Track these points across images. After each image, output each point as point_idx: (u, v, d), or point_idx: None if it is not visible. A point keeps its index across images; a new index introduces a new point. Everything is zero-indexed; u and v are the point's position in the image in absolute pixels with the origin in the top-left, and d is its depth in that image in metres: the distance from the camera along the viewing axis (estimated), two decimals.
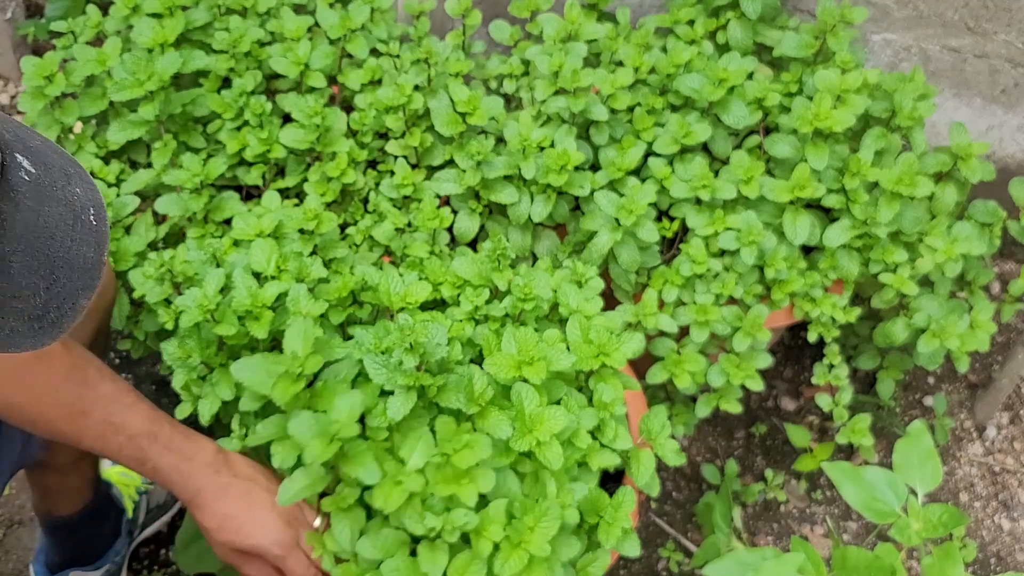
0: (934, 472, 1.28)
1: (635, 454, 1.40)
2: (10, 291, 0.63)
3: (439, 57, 1.72)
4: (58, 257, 0.66)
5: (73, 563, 1.64)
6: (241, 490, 1.22)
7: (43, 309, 0.65)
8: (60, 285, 0.66)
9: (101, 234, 0.70)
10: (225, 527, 1.21)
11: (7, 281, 0.63)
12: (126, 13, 1.70)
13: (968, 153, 1.69)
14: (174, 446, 1.22)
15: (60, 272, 0.66)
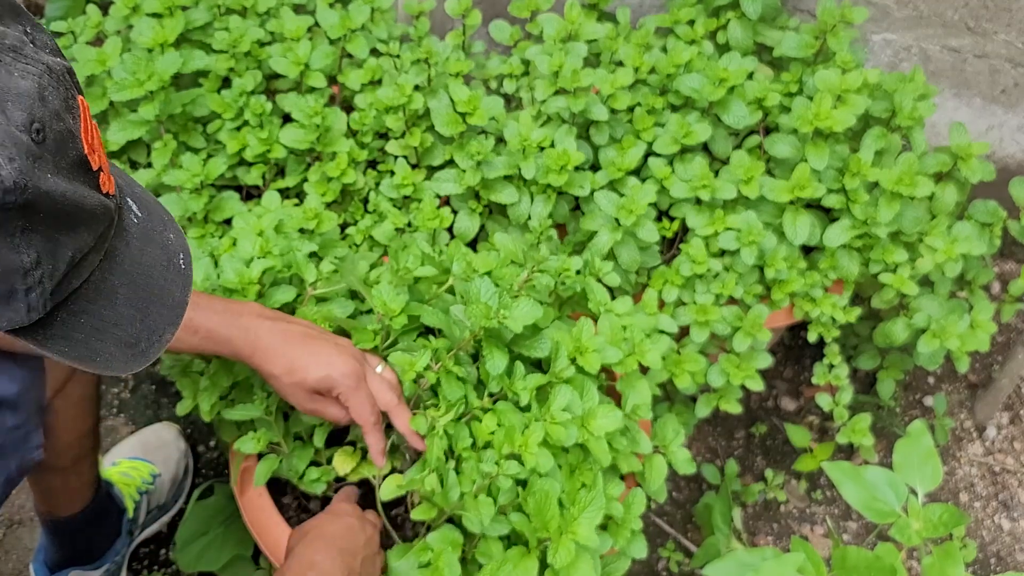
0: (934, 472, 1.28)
1: (648, 460, 1.41)
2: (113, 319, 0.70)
3: (439, 57, 1.72)
4: (153, 294, 0.73)
5: (73, 562, 1.64)
6: (299, 333, 1.24)
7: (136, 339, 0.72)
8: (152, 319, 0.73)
9: (187, 277, 0.78)
10: (295, 368, 1.22)
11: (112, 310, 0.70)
12: (126, 13, 1.70)
13: (968, 153, 1.69)
14: (219, 307, 1.22)
15: (153, 307, 0.73)
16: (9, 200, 0.58)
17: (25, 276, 0.62)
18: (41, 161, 0.60)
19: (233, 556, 1.63)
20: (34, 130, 0.60)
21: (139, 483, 1.73)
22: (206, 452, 1.91)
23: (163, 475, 1.78)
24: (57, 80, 0.64)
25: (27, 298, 0.62)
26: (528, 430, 1.27)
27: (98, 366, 0.71)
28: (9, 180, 0.58)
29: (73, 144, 0.64)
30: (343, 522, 1.24)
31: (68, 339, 0.68)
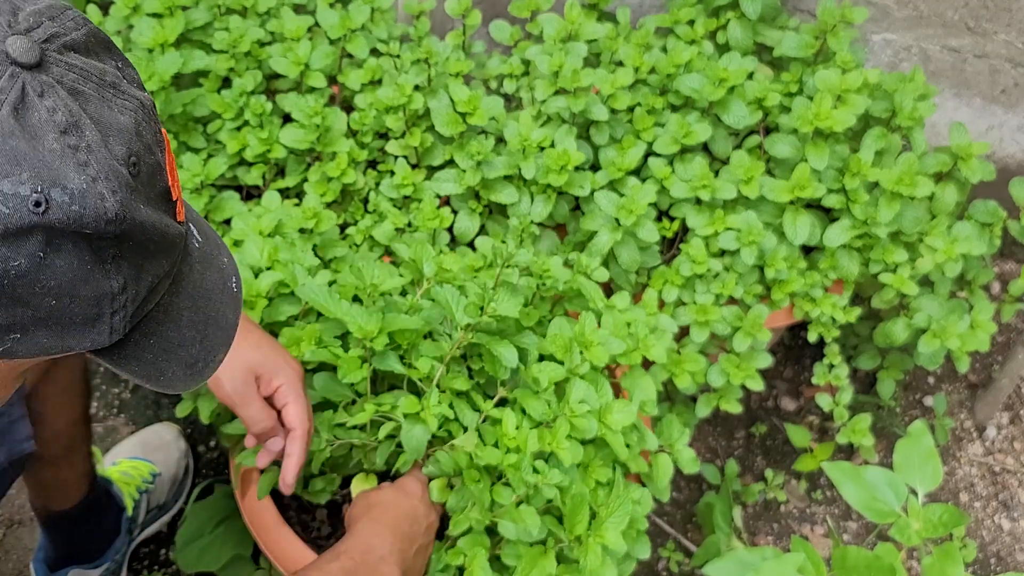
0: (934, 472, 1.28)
1: (653, 459, 1.42)
2: (178, 340, 0.74)
3: (439, 57, 1.72)
4: (211, 316, 0.77)
5: (73, 561, 1.64)
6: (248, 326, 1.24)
7: (195, 359, 0.76)
8: (209, 340, 0.77)
9: (239, 300, 0.81)
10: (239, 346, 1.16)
11: (177, 332, 0.74)
12: (126, 13, 1.70)
13: (968, 153, 1.69)
14: None
15: (210, 329, 0.77)
16: (110, 230, 0.61)
17: (112, 301, 0.65)
18: (136, 193, 0.64)
19: (233, 556, 1.63)
20: (131, 163, 0.64)
21: (139, 482, 1.73)
22: (206, 452, 1.91)
23: (163, 475, 1.78)
24: (148, 115, 0.67)
25: (111, 321, 0.66)
26: (556, 424, 1.28)
27: (162, 384, 0.74)
28: (112, 212, 0.61)
29: (160, 176, 0.68)
30: (409, 505, 1.24)
31: (139, 359, 0.71)
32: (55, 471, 1.50)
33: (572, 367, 1.35)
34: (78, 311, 0.63)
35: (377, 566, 1.17)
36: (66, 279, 0.61)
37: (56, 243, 0.60)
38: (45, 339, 0.64)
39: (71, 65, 0.63)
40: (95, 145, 0.61)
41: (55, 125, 0.60)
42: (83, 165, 0.61)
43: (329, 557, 1.17)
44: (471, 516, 1.25)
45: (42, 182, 0.59)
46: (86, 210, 0.60)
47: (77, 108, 0.62)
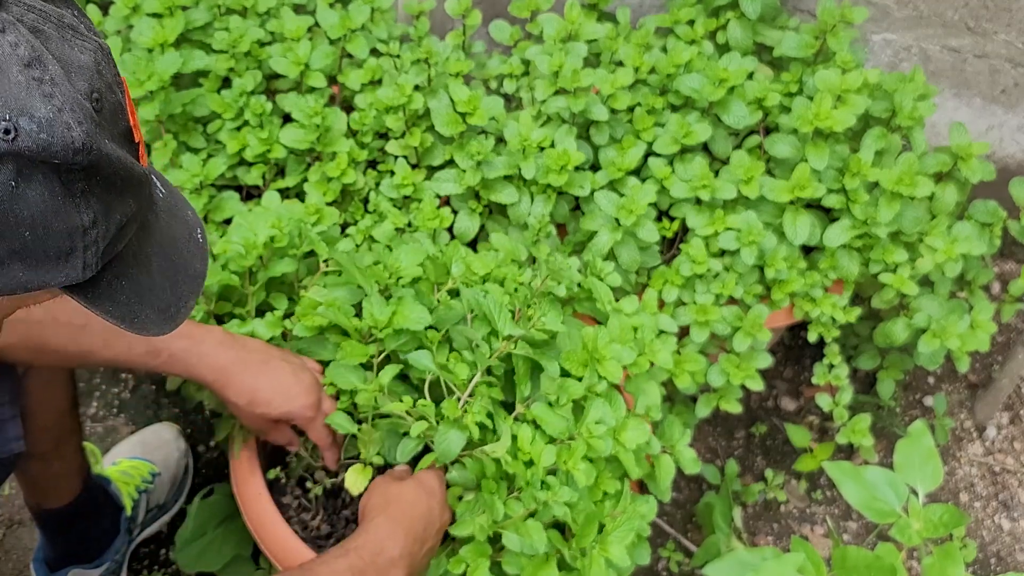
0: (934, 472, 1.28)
1: (656, 460, 1.42)
2: (148, 285, 0.76)
3: (439, 57, 1.72)
4: (179, 264, 0.80)
5: (72, 560, 1.64)
6: (259, 361, 1.28)
7: (167, 304, 0.78)
8: (179, 287, 0.80)
9: (205, 251, 0.84)
10: (256, 400, 1.27)
11: (148, 277, 0.76)
12: (126, 13, 1.70)
13: (968, 153, 1.68)
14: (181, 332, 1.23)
15: (180, 276, 0.80)
16: (78, 160, 0.63)
17: (84, 235, 0.67)
18: (101, 128, 0.66)
19: (233, 556, 1.63)
20: (94, 99, 0.66)
21: (138, 482, 1.73)
22: (206, 452, 1.91)
23: (163, 475, 1.78)
24: (107, 57, 0.70)
25: (84, 256, 0.68)
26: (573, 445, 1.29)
27: (136, 327, 0.76)
28: (79, 141, 0.63)
29: (122, 115, 0.70)
30: (426, 504, 1.25)
31: (113, 300, 0.73)
32: (46, 466, 1.50)
33: (590, 385, 1.35)
34: (52, 244, 0.65)
35: (387, 569, 1.17)
36: (38, 211, 0.63)
37: (27, 173, 0.62)
38: (21, 273, 0.65)
39: (30, 6, 0.65)
40: (58, 79, 0.63)
41: (19, 59, 0.62)
42: (48, 96, 0.62)
43: (339, 552, 1.17)
44: (478, 522, 1.25)
45: (10, 111, 0.61)
46: (54, 139, 0.62)
47: (39, 44, 0.64)
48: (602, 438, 1.29)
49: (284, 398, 1.28)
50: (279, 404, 1.28)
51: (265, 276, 1.39)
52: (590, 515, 1.27)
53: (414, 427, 1.26)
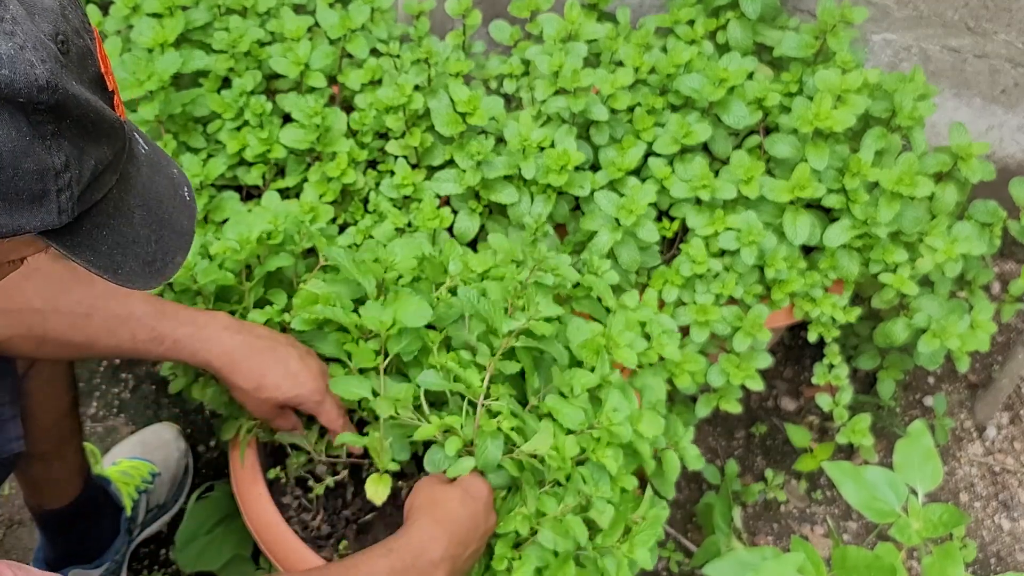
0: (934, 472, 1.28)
1: (662, 456, 1.43)
2: (131, 236, 0.76)
3: (439, 57, 1.72)
4: (164, 219, 0.79)
5: (72, 561, 1.64)
6: (266, 347, 1.27)
7: (152, 257, 0.78)
8: (165, 242, 0.79)
9: (192, 208, 0.84)
10: (263, 384, 1.26)
11: (130, 228, 0.76)
12: (126, 13, 1.70)
13: (968, 153, 1.68)
14: (185, 318, 1.24)
15: (165, 231, 0.79)
16: (43, 99, 0.63)
17: (56, 178, 0.66)
18: (67, 69, 0.65)
19: (233, 555, 1.64)
20: (59, 41, 0.65)
21: (138, 482, 1.73)
22: (206, 452, 1.91)
23: (163, 474, 1.78)
24: (73, 3, 0.70)
25: (58, 199, 0.67)
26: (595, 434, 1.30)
27: (120, 278, 0.76)
28: (43, 79, 0.62)
29: (92, 61, 0.69)
30: (471, 508, 1.23)
31: (94, 249, 0.73)
32: (46, 467, 1.50)
33: (604, 374, 1.35)
34: (23, 186, 0.64)
35: (428, 571, 1.16)
36: (6, 149, 0.63)
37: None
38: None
39: None
40: (20, 18, 0.63)
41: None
42: (9, 34, 0.62)
43: (380, 552, 1.16)
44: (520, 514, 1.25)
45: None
46: (16, 75, 0.61)
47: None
48: (622, 425, 1.30)
49: (292, 382, 1.27)
50: (287, 388, 1.27)
51: (262, 272, 1.39)
52: (619, 514, 1.28)
53: (448, 444, 1.25)
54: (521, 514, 1.25)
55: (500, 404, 1.27)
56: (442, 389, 1.28)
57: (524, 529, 1.25)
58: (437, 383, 1.27)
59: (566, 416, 1.30)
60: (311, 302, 1.33)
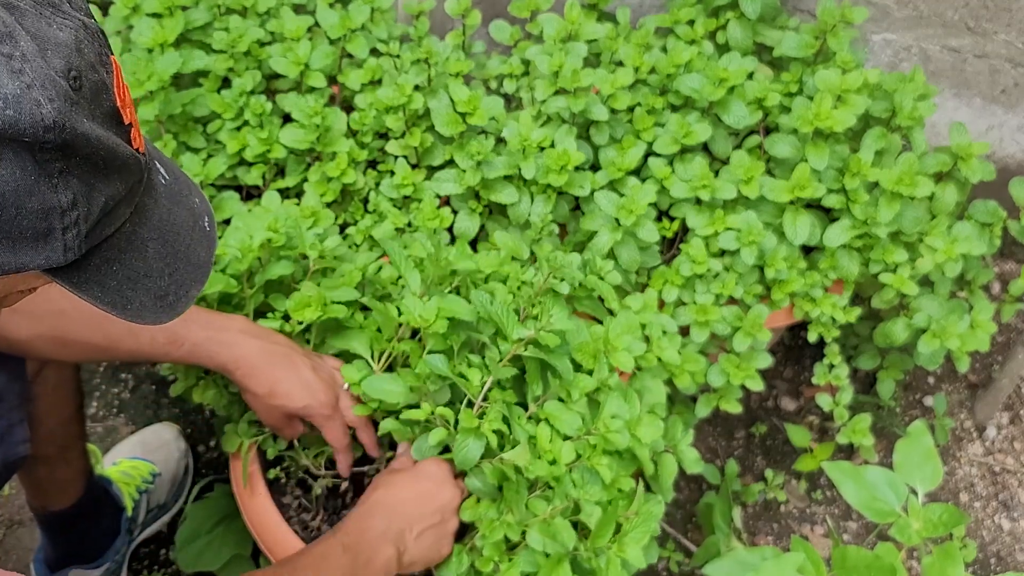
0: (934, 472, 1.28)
1: (659, 459, 1.42)
2: (144, 270, 0.75)
3: (439, 57, 1.72)
4: (180, 251, 0.78)
5: (73, 561, 1.64)
6: (282, 354, 1.27)
7: (164, 291, 0.77)
8: (179, 275, 0.78)
9: (212, 239, 0.83)
10: (276, 391, 1.26)
11: (143, 262, 0.74)
12: (126, 13, 1.70)
13: (968, 153, 1.68)
14: (204, 321, 1.25)
15: (180, 264, 0.78)
16: (49, 138, 0.62)
17: (62, 216, 0.65)
18: (78, 106, 0.64)
19: (232, 555, 1.64)
20: (71, 77, 0.64)
21: (138, 482, 1.73)
22: (206, 452, 1.91)
23: (163, 475, 1.78)
24: (92, 36, 0.68)
25: (64, 237, 0.66)
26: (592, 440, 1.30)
27: (130, 314, 0.75)
28: (49, 119, 0.61)
29: (107, 96, 0.68)
30: (419, 487, 1.26)
31: (102, 285, 0.72)
32: (51, 470, 1.50)
33: (603, 379, 1.35)
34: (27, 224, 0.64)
35: (376, 544, 1.20)
36: (9, 189, 0.62)
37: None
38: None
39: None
40: (30, 55, 0.62)
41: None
42: (17, 72, 0.61)
43: (329, 534, 1.21)
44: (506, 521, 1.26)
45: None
46: (21, 115, 0.60)
47: (12, 20, 0.62)
48: (619, 432, 1.30)
49: (305, 393, 1.28)
50: (299, 398, 1.28)
51: (263, 279, 1.39)
52: (608, 515, 1.28)
53: (432, 434, 1.27)
54: (507, 522, 1.25)
55: (493, 408, 1.27)
56: (446, 376, 1.29)
57: (513, 534, 1.26)
58: (443, 369, 1.28)
59: (563, 422, 1.30)
60: (305, 305, 1.34)
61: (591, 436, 1.30)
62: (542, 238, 1.60)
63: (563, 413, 1.31)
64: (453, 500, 1.28)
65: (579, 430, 1.31)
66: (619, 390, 1.37)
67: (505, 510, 1.27)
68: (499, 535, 1.26)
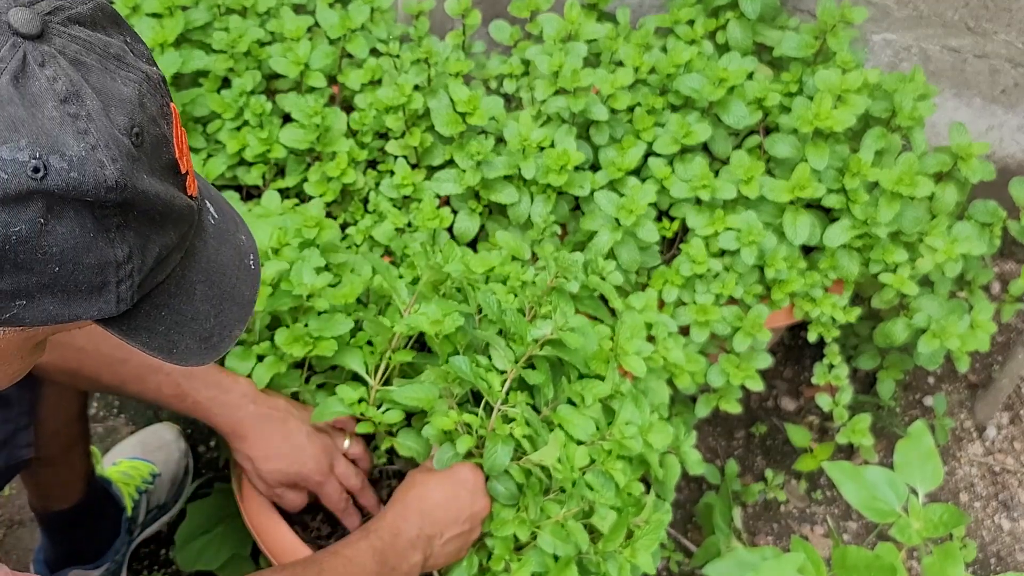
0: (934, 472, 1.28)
1: (662, 460, 1.43)
2: (191, 314, 0.75)
3: (439, 57, 1.72)
4: (226, 291, 0.78)
5: (73, 561, 1.64)
6: (279, 420, 1.28)
7: (209, 332, 0.77)
8: (225, 315, 0.78)
9: (256, 277, 0.83)
10: (270, 456, 1.27)
11: (190, 305, 0.75)
12: (126, 13, 1.70)
13: (968, 153, 1.68)
14: (210, 380, 1.27)
15: (225, 304, 0.78)
16: (110, 198, 0.63)
17: (118, 269, 0.66)
18: (139, 163, 0.65)
19: (232, 555, 1.63)
20: (134, 134, 0.65)
21: (138, 482, 1.73)
22: (206, 452, 1.91)
23: (163, 475, 1.78)
24: (154, 87, 0.69)
25: (117, 290, 0.67)
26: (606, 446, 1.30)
27: (175, 358, 0.75)
28: (112, 179, 0.62)
29: (166, 148, 0.69)
30: (450, 492, 1.26)
31: (151, 331, 0.73)
32: (54, 471, 1.50)
33: (616, 383, 1.35)
34: (82, 279, 0.65)
35: (405, 550, 1.19)
36: (68, 246, 0.63)
37: (57, 209, 0.62)
38: (51, 306, 0.65)
39: (74, 36, 0.64)
40: (95, 114, 0.63)
41: (55, 94, 0.62)
42: (82, 133, 0.62)
43: (360, 534, 1.20)
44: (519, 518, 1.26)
45: (40, 148, 0.60)
46: (85, 177, 0.61)
47: (78, 78, 0.63)
48: (634, 438, 1.30)
49: (297, 457, 1.28)
50: (293, 462, 1.28)
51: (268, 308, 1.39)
52: (621, 518, 1.28)
53: (460, 442, 1.26)
54: (519, 519, 1.25)
55: (516, 411, 1.27)
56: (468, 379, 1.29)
57: (523, 534, 1.26)
58: (466, 372, 1.28)
59: (576, 427, 1.30)
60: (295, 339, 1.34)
61: (605, 441, 1.31)
62: (544, 238, 1.60)
63: (576, 418, 1.31)
64: (484, 510, 1.28)
65: (593, 436, 1.31)
66: (630, 395, 1.37)
67: (522, 508, 1.27)
68: (508, 532, 1.26)
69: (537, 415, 1.33)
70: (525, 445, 1.25)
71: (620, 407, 1.34)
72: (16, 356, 0.73)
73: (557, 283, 1.41)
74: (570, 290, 1.44)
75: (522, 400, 1.29)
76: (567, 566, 1.25)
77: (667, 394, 1.48)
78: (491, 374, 1.29)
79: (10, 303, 0.64)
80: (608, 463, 1.29)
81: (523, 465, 1.27)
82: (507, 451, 1.25)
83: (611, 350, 1.39)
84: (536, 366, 1.34)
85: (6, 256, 0.61)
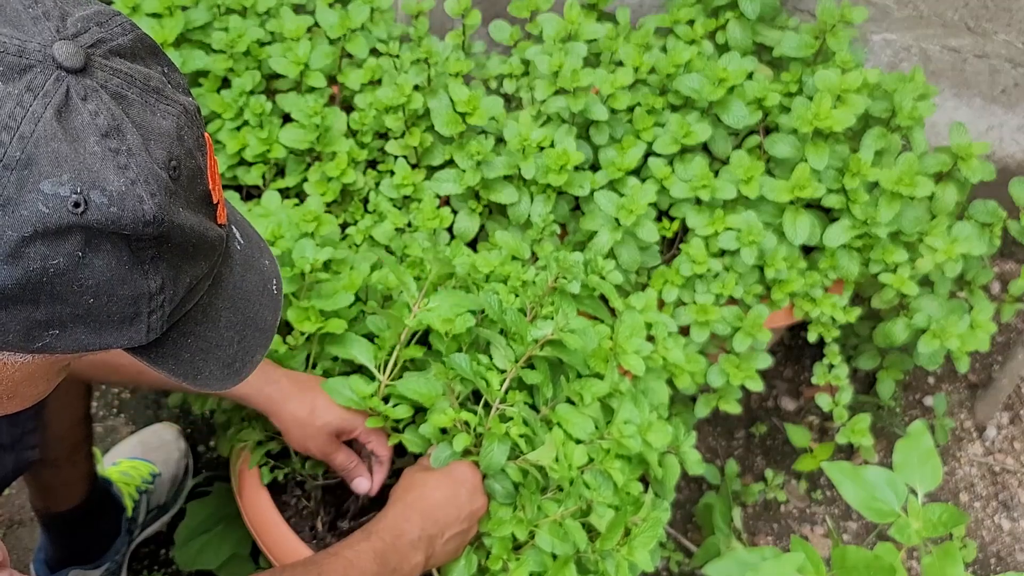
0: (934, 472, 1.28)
1: (662, 460, 1.43)
2: (216, 340, 0.76)
3: (439, 57, 1.72)
4: (250, 318, 0.79)
5: (73, 561, 1.64)
6: (311, 384, 1.31)
7: (232, 358, 0.78)
8: (247, 341, 0.79)
9: (278, 302, 0.83)
10: (317, 407, 1.29)
11: (216, 332, 0.76)
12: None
13: (968, 153, 1.68)
14: None
15: (248, 330, 0.79)
16: (148, 232, 0.64)
17: (150, 300, 0.67)
18: (175, 196, 0.66)
19: (232, 554, 1.63)
20: (171, 167, 0.66)
21: (139, 482, 1.73)
22: (206, 452, 1.91)
23: (163, 475, 1.78)
24: (191, 120, 0.69)
25: (148, 320, 0.68)
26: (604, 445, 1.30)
27: (199, 383, 0.76)
28: (150, 214, 0.63)
29: (201, 180, 0.70)
30: (450, 492, 1.26)
31: (177, 358, 0.73)
32: (57, 473, 1.51)
33: (614, 382, 1.35)
34: (116, 310, 0.65)
35: (407, 551, 1.19)
36: (104, 278, 0.64)
37: (95, 243, 0.62)
38: (83, 336, 0.66)
39: (116, 70, 0.65)
40: (136, 149, 0.63)
41: (97, 128, 0.62)
42: (123, 168, 0.62)
43: (362, 536, 1.20)
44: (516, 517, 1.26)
45: (82, 184, 0.61)
46: (124, 212, 0.62)
47: (120, 112, 0.63)
48: (632, 437, 1.30)
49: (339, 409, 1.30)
50: (338, 413, 1.30)
51: None
52: (618, 517, 1.28)
53: (456, 440, 1.27)
54: (517, 518, 1.25)
55: (514, 410, 1.27)
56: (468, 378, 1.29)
57: (521, 533, 1.26)
58: (466, 370, 1.28)
59: (575, 426, 1.30)
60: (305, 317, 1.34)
61: (604, 440, 1.31)
62: (543, 238, 1.60)
63: (575, 417, 1.31)
64: (482, 509, 1.28)
65: (592, 435, 1.31)
66: (629, 394, 1.37)
67: (519, 507, 1.27)
68: (506, 531, 1.26)
69: (536, 414, 1.33)
70: (522, 444, 1.25)
71: (619, 406, 1.34)
72: (43, 379, 0.74)
73: (559, 283, 1.41)
74: (571, 291, 1.44)
75: (520, 399, 1.29)
76: (565, 565, 1.25)
77: (667, 394, 1.48)
78: (491, 373, 1.29)
79: (43, 332, 0.64)
80: (606, 462, 1.29)
81: (520, 464, 1.27)
82: (504, 450, 1.25)
83: (611, 349, 1.39)
84: (536, 366, 1.34)
85: (43, 288, 0.62)
